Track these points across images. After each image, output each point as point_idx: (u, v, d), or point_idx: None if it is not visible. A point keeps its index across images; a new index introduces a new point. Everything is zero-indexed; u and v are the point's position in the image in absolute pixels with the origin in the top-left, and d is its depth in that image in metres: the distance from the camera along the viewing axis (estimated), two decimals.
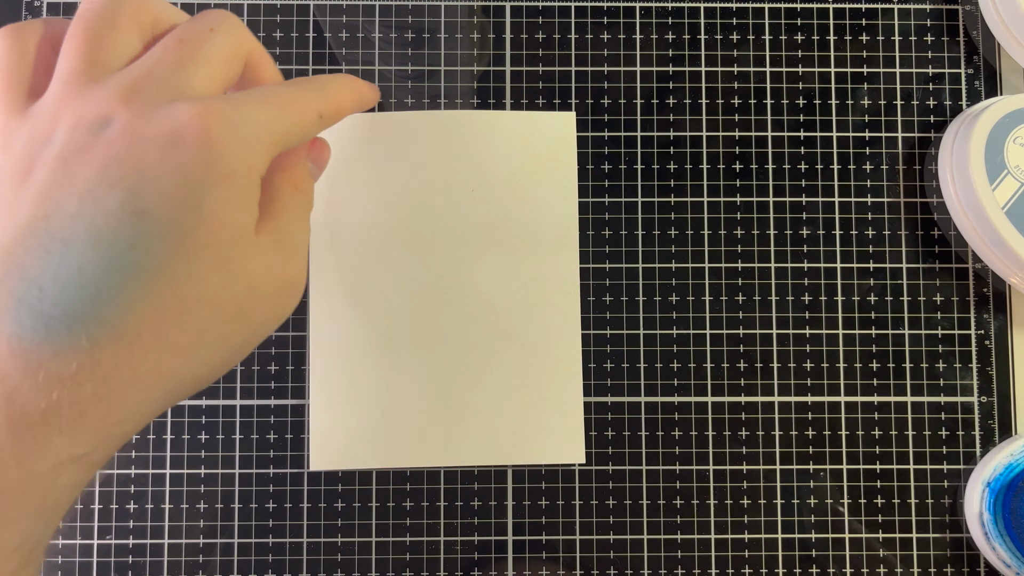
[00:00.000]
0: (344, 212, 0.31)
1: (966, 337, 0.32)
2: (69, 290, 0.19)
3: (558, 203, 0.31)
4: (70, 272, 0.19)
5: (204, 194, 0.20)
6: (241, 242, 0.21)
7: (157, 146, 0.20)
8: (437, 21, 0.33)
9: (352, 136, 0.31)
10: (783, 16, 0.33)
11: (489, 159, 0.31)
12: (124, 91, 0.21)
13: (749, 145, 0.33)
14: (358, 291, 0.31)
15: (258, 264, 0.22)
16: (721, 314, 0.32)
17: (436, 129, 0.32)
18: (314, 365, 0.31)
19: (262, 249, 0.22)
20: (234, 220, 0.21)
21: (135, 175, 0.20)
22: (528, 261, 0.31)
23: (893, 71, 0.33)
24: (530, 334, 0.31)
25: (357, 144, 0.31)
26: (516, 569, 0.31)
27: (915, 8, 0.33)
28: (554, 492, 0.31)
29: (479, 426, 0.31)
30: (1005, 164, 0.30)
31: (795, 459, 0.31)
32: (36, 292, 0.19)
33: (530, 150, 0.32)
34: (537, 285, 0.31)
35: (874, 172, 0.33)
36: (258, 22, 0.33)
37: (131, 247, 0.19)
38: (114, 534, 0.31)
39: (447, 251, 0.31)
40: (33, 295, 0.19)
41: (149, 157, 0.20)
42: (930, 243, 0.32)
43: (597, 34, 0.33)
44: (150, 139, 0.20)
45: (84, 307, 0.19)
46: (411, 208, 0.31)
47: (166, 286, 0.20)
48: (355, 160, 0.31)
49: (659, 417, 0.31)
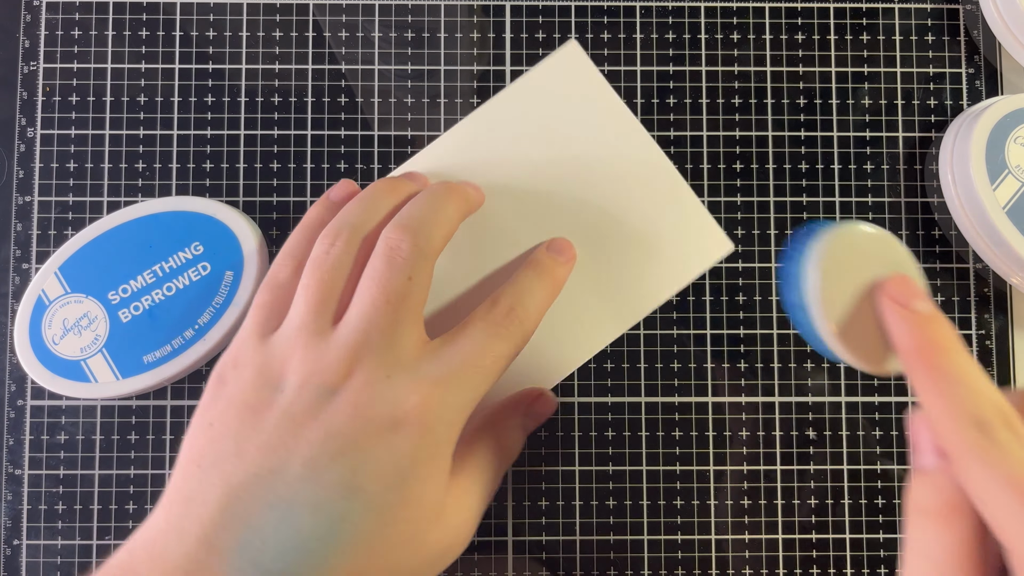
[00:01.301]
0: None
1: (967, 337, 0.32)
2: (286, 549, 0.20)
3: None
4: (289, 532, 0.21)
5: (410, 475, 0.22)
6: (431, 517, 0.23)
7: (377, 427, 0.22)
8: (437, 21, 0.33)
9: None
10: (783, 16, 0.33)
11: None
12: (347, 359, 0.23)
13: (749, 145, 0.33)
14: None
15: (441, 537, 0.23)
16: (721, 314, 0.32)
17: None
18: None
19: (447, 520, 0.24)
20: (430, 497, 0.23)
21: (356, 452, 0.22)
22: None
23: (893, 71, 0.33)
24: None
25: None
26: (516, 569, 0.31)
27: (915, 8, 0.33)
28: (554, 492, 0.31)
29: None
30: (1006, 164, 0.30)
31: (795, 459, 0.31)
32: (258, 544, 0.20)
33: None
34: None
35: (874, 172, 0.33)
36: (258, 22, 0.33)
37: (343, 519, 0.21)
38: (113, 534, 0.31)
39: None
40: (256, 545, 0.20)
41: (370, 437, 0.22)
42: (930, 243, 0.32)
43: (597, 34, 0.33)
44: (371, 419, 0.22)
45: (296, 568, 0.20)
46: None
47: (364, 555, 0.21)
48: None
49: (659, 417, 0.31)
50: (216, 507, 0.21)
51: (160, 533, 0.21)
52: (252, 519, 0.21)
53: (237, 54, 0.32)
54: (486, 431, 0.27)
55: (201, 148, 0.32)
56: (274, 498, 0.21)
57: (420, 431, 0.22)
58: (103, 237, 0.30)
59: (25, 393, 0.31)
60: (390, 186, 0.28)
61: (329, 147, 0.32)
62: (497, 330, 0.25)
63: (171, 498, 0.22)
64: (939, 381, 0.20)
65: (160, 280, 0.30)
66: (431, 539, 0.23)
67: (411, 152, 0.32)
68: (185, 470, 0.23)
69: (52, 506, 0.31)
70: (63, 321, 0.29)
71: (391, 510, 0.22)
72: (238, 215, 0.30)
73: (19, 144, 0.32)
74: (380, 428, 0.22)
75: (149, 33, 0.32)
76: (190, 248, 0.30)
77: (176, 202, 0.31)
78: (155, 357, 0.29)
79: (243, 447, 0.22)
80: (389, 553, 0.22)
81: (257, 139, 0.32)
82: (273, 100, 0.32)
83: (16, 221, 0.32)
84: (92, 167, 0.32)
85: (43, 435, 0.31)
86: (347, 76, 0.33)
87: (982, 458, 0.18)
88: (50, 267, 0.30)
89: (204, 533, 0.21)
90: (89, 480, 0.31)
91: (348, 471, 0.21)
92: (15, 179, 0.32)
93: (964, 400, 0.19)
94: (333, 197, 0.29)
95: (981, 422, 0.18)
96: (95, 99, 0.32)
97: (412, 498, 0.22)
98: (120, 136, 0.32)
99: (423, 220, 0.26)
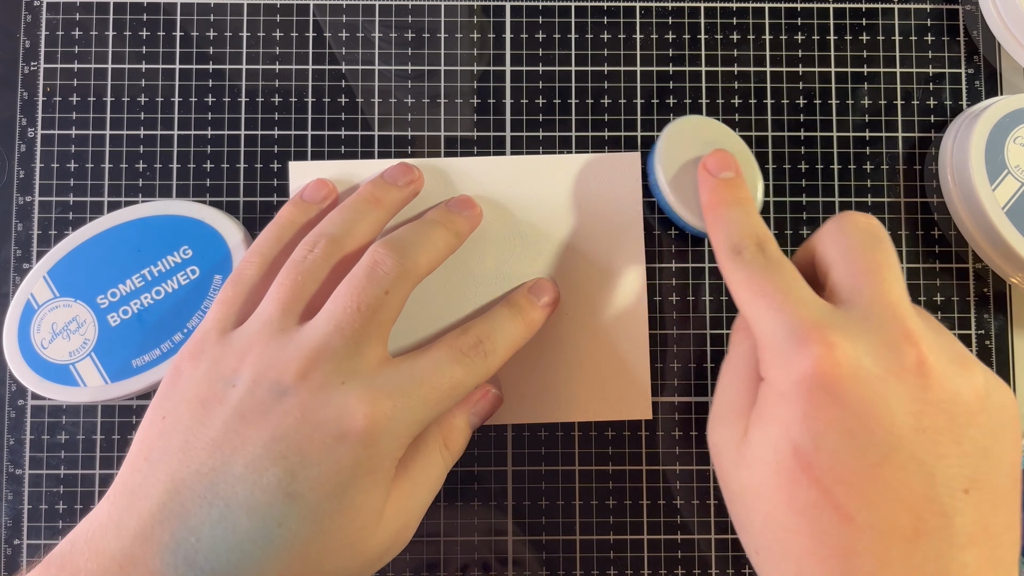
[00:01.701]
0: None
1: (966, 337, 0.32)
2: (221, 549, 0.21)
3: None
4: (225, 532, 0.21)
5: (350, 485, 0.22)
6: (369, 526, 0.23)
7: (323, 434, 0.22)
8: (437, 21, 0.33)
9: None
10: (783, 16, 0.33)
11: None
12: (304, 362, 0.23)
13: (749, 145, 0.33)
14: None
15: (380, 542, 0.23)
16: (721, 314, 0.32)
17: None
18: None
19: (386, 526, 0.23)
20: (370, 507, 0.23)
21: (298, 458, 0.22)
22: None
23: (893, 71, 0.33)
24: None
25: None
26: (516, 569, 0.31)
27: (915, 8, 0.33)
28: (554, 492, 0.31)
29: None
30: (1005, 164, 0.30)
31: None
32: (193, 541, 0.21)
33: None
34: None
35: (874, 172, 0.33)
36: (258, 22, 0.33)
37: (279, 524, 0.21)
38: None
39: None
40: (191, 543, 0.20)
41: (314, 444, 0.22)
42: (930, 243, 0.32)
43: (597, 34, 0.33)
44: (317, 425, 0.22)
45: (229, 568, 0.20)
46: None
47: (298, 561, 0.21)
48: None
49: (659, 417, 0.31)
50: (156, 502, 0.21)
51: (101, 525, 0.21)
52: (190, 517, 0.21)
53: (237, 54, 0.33)
54: (431, 431, 0.26)
55: (201, 148, 0.32)
56: (213, 497, 0.21)
57: (365, 443, 0.22)
58: (92, 241, 0.30)
59: (26, 393, 0.31)
60: (375, 198, 0.28)
61: (329, 147, 0.32)
62: (461, 358, 0.25)
63: (117, 490, 0.22)
64: (713, 224, 0.25)
65: (149, 284, 0.30)
66: (369, 545, 0.23)
67: (411, 152, 0.32)
68: (134, 463, 0.23)
69: (52, 506, 0.31)
70: (52, 325, 0.29)
71: (329, 518, 0.22)
72: (225, 217, 0.30)
73: (20, 144, 0.32)
74: (325, 436, 0.22)
75: (149, 33, 0.32)
76: (178, 252, 0.30)
77: (164, 205, 0.31)
78: (144, 361, 0.29)
79: (190, 443, 0.22)
80: (325, 559, 0.22)
81: (257, 139, 0.32)
82: (273, 100, 0.32)
83: (17, 221, 0.32)
84: (92, 167, 0.32)
85: (43, 435, 0.31)
86: (347, 76, 0.33)
87: (734, 273, 0.23)
88: (39, 271, 0.29)
89: (142, 528, 0.21)
90: (89, 480, 0.31)
91: (288, 476, 0.21)
92: (16, 179, 0.32)
93: (728, 234, 0.24)
94: (306, 196, 0.29)
95: (737, 247, 0.24)
96: (95, 99, 0.32)
97: (351, 507, 0.22)
98: (120, 136, 0.32)
99: (412, 243, 0.26)
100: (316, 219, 0.28)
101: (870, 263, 0.22)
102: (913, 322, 0.21)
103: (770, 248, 0.24)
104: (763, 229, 0.24)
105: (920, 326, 0.21)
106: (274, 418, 0.22)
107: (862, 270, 0.22)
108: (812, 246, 0.24)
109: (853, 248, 0.22)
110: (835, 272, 0.23)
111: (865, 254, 0.22)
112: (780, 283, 0.22)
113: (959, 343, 0.22)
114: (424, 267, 0.26)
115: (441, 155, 0.32)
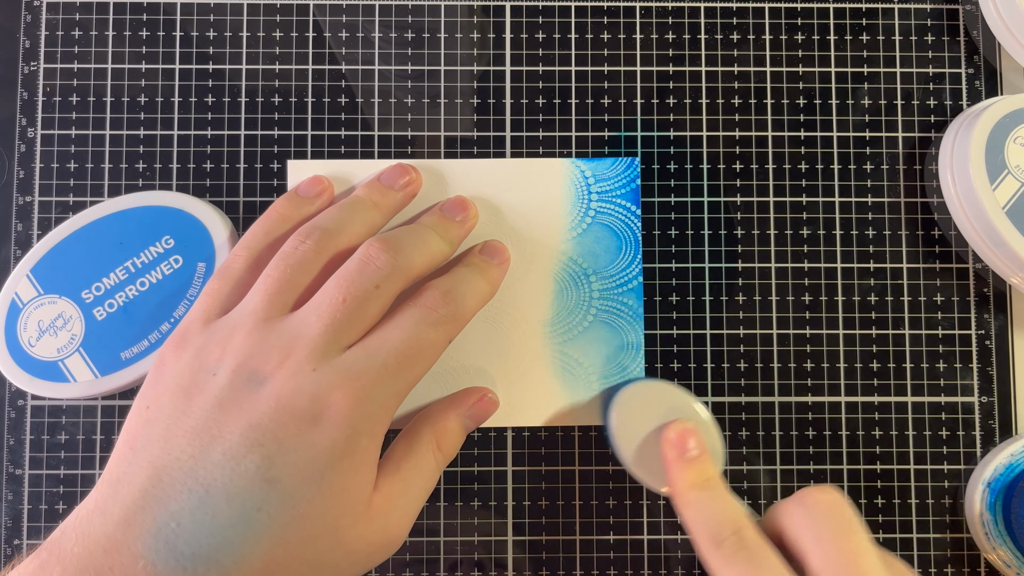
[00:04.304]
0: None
1: (966, 337, 0.32)
2: (201, 533, 0.21)
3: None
4: (204, 517, 0.21)
5: (328, 468, 0.22)
6: (351, 512, 0.23)
7: (297, 420, 0.22)
8: (437, 21, 0.33)
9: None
10: (783, 16, 0.33)
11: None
12: (283, 348, 0.23)
13: (749, 145, 0.33)
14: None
15: (367, 534, 0.23)
16: (721, 314, 0.32)
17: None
18: None
19: (373, 516, 0.24)
20: (353, 492, 0.23)
21: (274, 444, 0.22)
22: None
23: (893, 71, 0.33)
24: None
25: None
26: (516, 569, 0.31)
27: (915, 8, 0.33)
28: (554, 492, 0.31)
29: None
30: (1005, 164, 0.30)
31: (795, 459, 0.31)
32: (174, 526, 0.21)
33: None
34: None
35: (874, 172, 0.33)
36: (258, 22, 0.33)
37: (257, 509, 0.21)
38: None
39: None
40: (171, 528, 0.21)
41: (288, 430, 0.22)
42: (930, 243, 0.32)
43: (597, 34, 0.33)
44: (291, 412, 0.22)
45: (210, 552, 0.21)
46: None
47: (279, 546, 0.22)
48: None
49: None
50: (139, 489, 0.21)
51: (88, 512, 0.22)
52: (171, 502, 0.21)
53: (237, 54, 0.33)
54: (425, 430, 0.26)
55: (201, 148, 0.32)
56: (193, 483, 0.21)
57: (340, 426, 0.22)
58: (73, 236, 0.30)
59: (25, 393, 0.31)
60: (372, 201, 0.28)
61: (329, 147, 0.32)
62: (428, 314, 0.25)
63: (104, 479, 0.23)
64: (686, 511, 0.25)
65: (133, 276, 0.30)
66: (354, 534, 0.23)
67: (411, 152, 0.32)
68: (119, 452, 0.23)
69: (52, 506, 0.31)
70: (38, 323, 0.29)
71: (308, 502, 0.22)
72: (207, 206, 0.30)
73: (19, 144, 0.32)
74: (300, 422, 0.22)
75: (149, 33, 0.32)
76: (161, 242, 0.30)
77: (144, 197, 0.31)
78: (133, 353, 0.29)
79: (172, 431, 0.22)
80: (306, 545, 0.22)
81: (257, 139, 0.32)
82: (273, 100, 0.32)
83: (16, 221, 0.32)
84: (92, 167, 0.32)
85: (43, 435, 0.31)
86: (347, 76, 0.33)
87: (722, 568, 0.23)
88: (21, 269, 0.29)
89: (125, 514, 0.21)
90: (89, 480, 0.31)
91: (266, 463, 0.22)
92: (15, 179, 0.32)
93: (704, 523, 0.25)
94: (301, 192, 0.29)
95: (716, 538, 0.24)
96: (95, 99, 0.32)
97: (330, 491, 0.22)
98: (120, 136, 0.32)
99: (407, 243, 0.26)
100: (309, 216, 0.28)
101: (846, 554, 0.22)
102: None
103: (747, 534, 0.24)
104: (738, 513, 0.24)
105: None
106: (250, 407, 0.22)
107: (840, 563, 0.22)
108: (779, 522, 0.24)
109: (825, 538, 0.23)
110: (813, 562, 0.23)
111: (839, 543, 0.22)
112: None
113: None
114: (418, 268, 0.26)
115: (441, 155, 0.32)
